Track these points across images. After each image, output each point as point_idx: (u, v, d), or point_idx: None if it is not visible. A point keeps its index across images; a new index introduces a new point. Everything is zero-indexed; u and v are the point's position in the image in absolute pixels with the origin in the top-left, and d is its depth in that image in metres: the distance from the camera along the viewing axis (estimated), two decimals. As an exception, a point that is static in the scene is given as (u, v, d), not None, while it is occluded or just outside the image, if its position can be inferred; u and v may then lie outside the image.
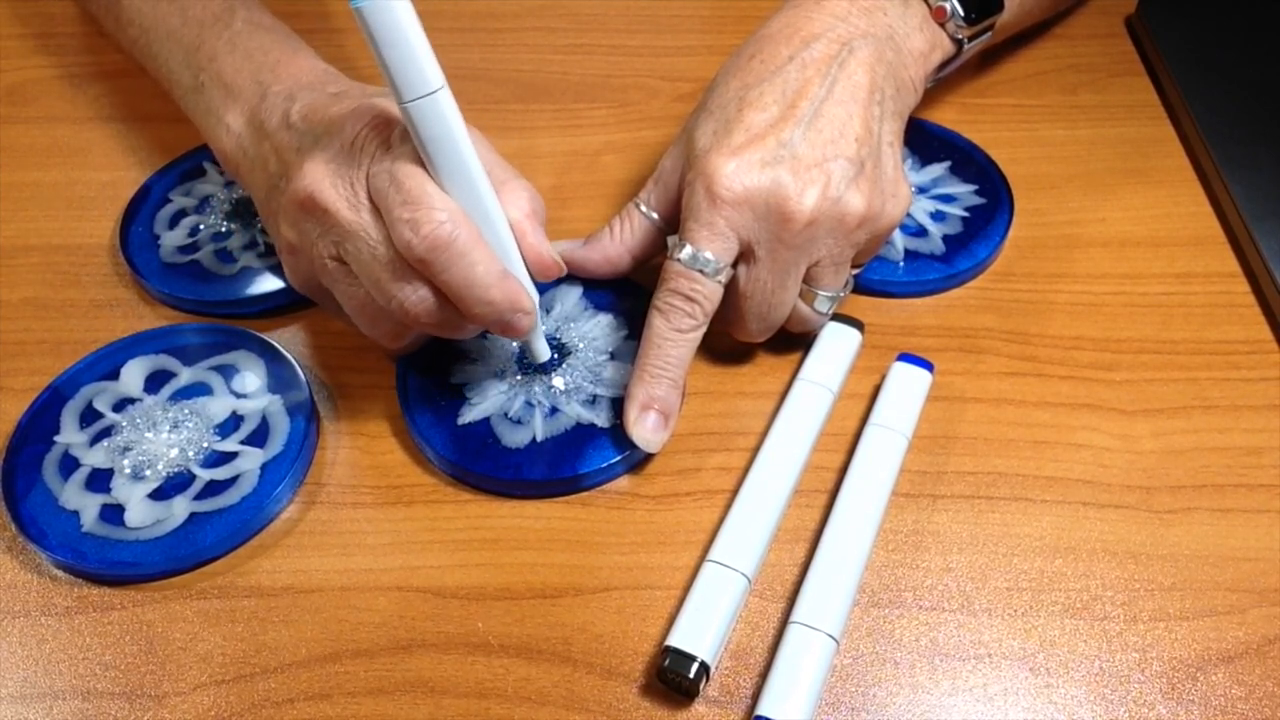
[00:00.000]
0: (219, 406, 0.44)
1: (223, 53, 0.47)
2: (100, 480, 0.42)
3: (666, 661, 0.36)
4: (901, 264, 0.50)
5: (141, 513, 0.41)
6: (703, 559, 0.39)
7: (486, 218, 0.39)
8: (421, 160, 0.37)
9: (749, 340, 0.46)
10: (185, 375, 0.46)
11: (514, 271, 0.40)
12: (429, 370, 0.45)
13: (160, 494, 0.42)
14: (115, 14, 0.54)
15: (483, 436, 0.43)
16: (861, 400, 0.46)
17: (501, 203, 0.40)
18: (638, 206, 0.47)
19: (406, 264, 0.38)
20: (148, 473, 0.42)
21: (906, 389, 0.44)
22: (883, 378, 0.45)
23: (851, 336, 0.46)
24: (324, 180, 0.39)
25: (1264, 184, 0.52)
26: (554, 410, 0.44)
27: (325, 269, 0.41)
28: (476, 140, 0.40)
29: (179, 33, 0.49)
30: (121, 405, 0.45)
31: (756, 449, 0.43)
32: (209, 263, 0.50)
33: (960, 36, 0.49)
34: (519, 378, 0.45)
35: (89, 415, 0.44)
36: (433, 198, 0.37)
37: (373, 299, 0.40)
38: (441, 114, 0.36)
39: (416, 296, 0.38)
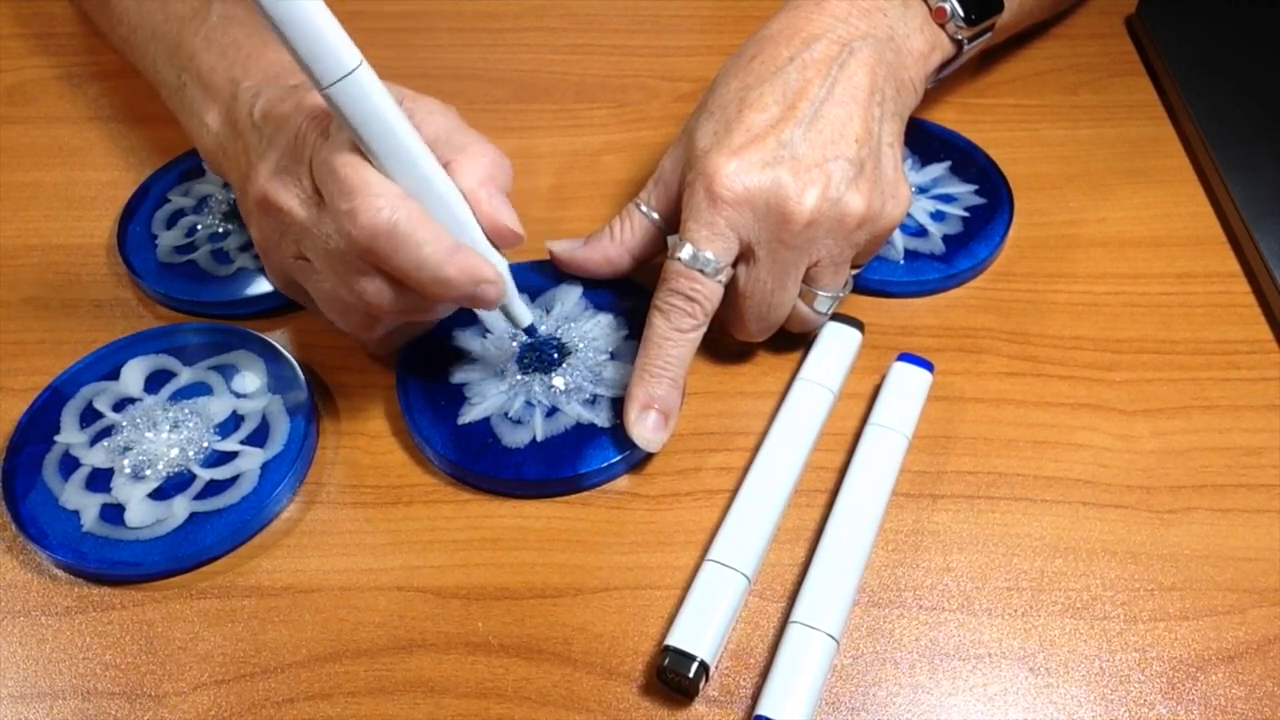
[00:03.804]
0: (219, 406, 0.44)
1: (200, 50, 0.47)
2: (100, 480, 0.42)
3: (666, 661, 0.36)
4: (901, 264, 0.50)
5: (141, 512, 0.41)
6: (703, 559, 0.39)
7: (432, 193, 0.37)
8: (357, 145, 0.36)
9: (749, 340, 0.46)
10: (185, 375, 0.46)
11: (473, 242, 0.39)
12: (429, 370, 0.45)
13: (160, 494, 0.42)
14: (106, 13, 0.55)
15: (483, 436, 0.43)
16: (861, 400, 0.46)
17: (456, 172, 0.39)
18: (638, 207, 0.47)
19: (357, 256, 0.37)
20: (148, 472, 0.42)
21: (906, 389, 0.44)
22: (883, 378, 0.45)
23: (851, 336, 0.46)
24: (275, 180, 0.39)
25: (1264, 184, 0.52)
26: (554, 410, 0.44)
27: (294, 267, 0.41)
28: (431, 108, 0.40)
29: (162, 30, 0.49)
30: (121, 405, 0.45)
31: (756, 449, 0.43)
32: (205, 263, 0.50)
33: (960, 37, 0.49)
34: (519, 378, 0.45)
35: (89, 415, 0.44)
36: (369, 184, 0.36)
37: (338, 295, 0.40)
38: (364, 93, 0.35)
39: (374, 287, 0.38)
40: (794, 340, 0.47)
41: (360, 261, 0.38)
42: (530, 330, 0.44)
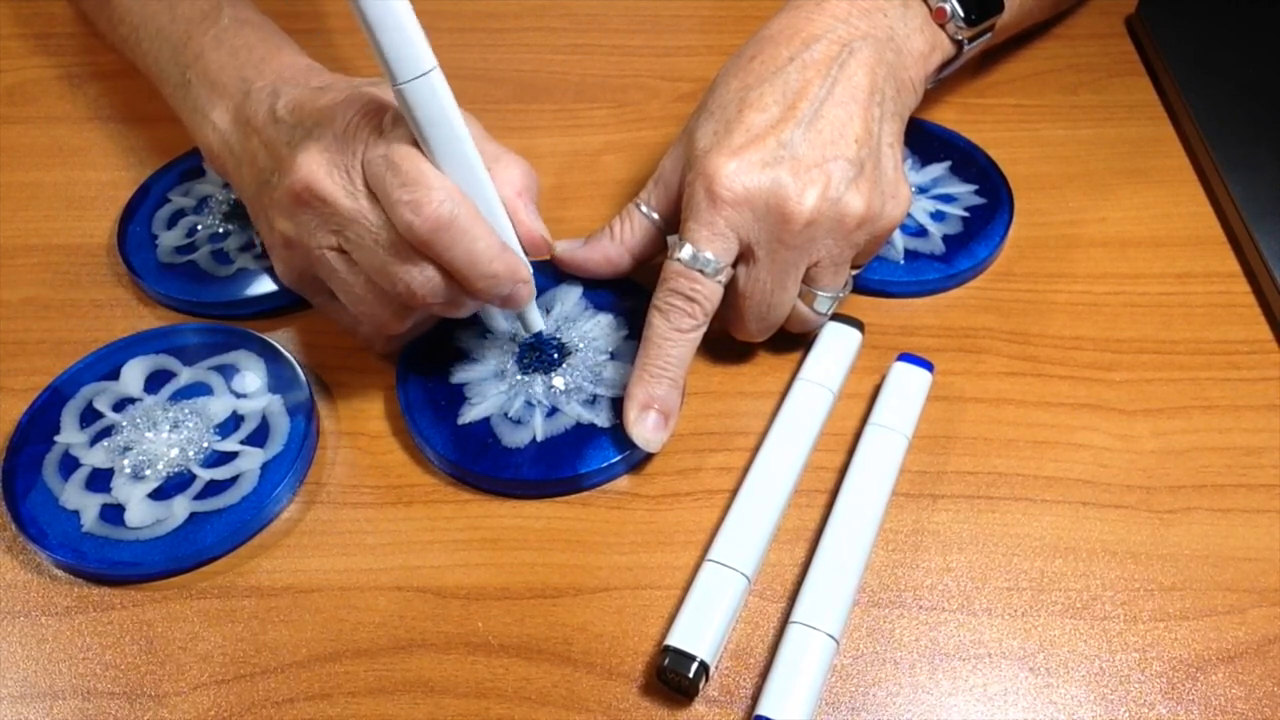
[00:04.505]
0: (219, 406, 0.44)
1: (209, 49, 0.47)
2: (100, 480, 0.42)
3: (666, 661, 0.36)
4: (901, 264, 0.50)
5: (141, 512, 0.41)
6: (703, 559, 0.39)
7: (482, 194, 0.39)
8: (416, 142, 0.38)
9: (749, 340, 0.46)
10: (185, 375, 0.46)
11: (510, 244, 0.41)
12: (429, 370, 0.45)
13: (160, 494, 0.42)
14: (107, 13, 0.55)
15: (483, 436, 0.43)
16: (861, 400, 0.46)
17: (493, 180, 0.40)
18: (638, 207, 0.47)
19: (409, 246, 0.38)
20: (148, 472, 0.42)
21: (906, 389, 0.44)
22: (883, 378, 0.45)
23: (851, 336, 0.46)
24: (319, 170, 0.39)
25: (1264, 184, 0.52)
26: (554, 410, 0.44)
27: (323, 261, 0.41)
28: (467, 119, 0.41)
29: (167, 30, 0.49)
30: (122, 405, 0.45)
31: (756, 449, 0.43)
32: (205, 263, 0.50)
33: (960, 38, 0.49)
34: (519, 378, 0.45)
35: (89, 415, 0.44)
36: (430, 178, 0.37)
37: (373, 286, 0.41)
38: (436, 94, 0.37)
39: (424, 277, 0.39)
40: (794, 340, 0.47)
41: (410, 251, 0.38)
42: (538, 336, 0.45)
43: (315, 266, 0.42)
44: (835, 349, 0.46)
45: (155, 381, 0.46)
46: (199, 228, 0.52)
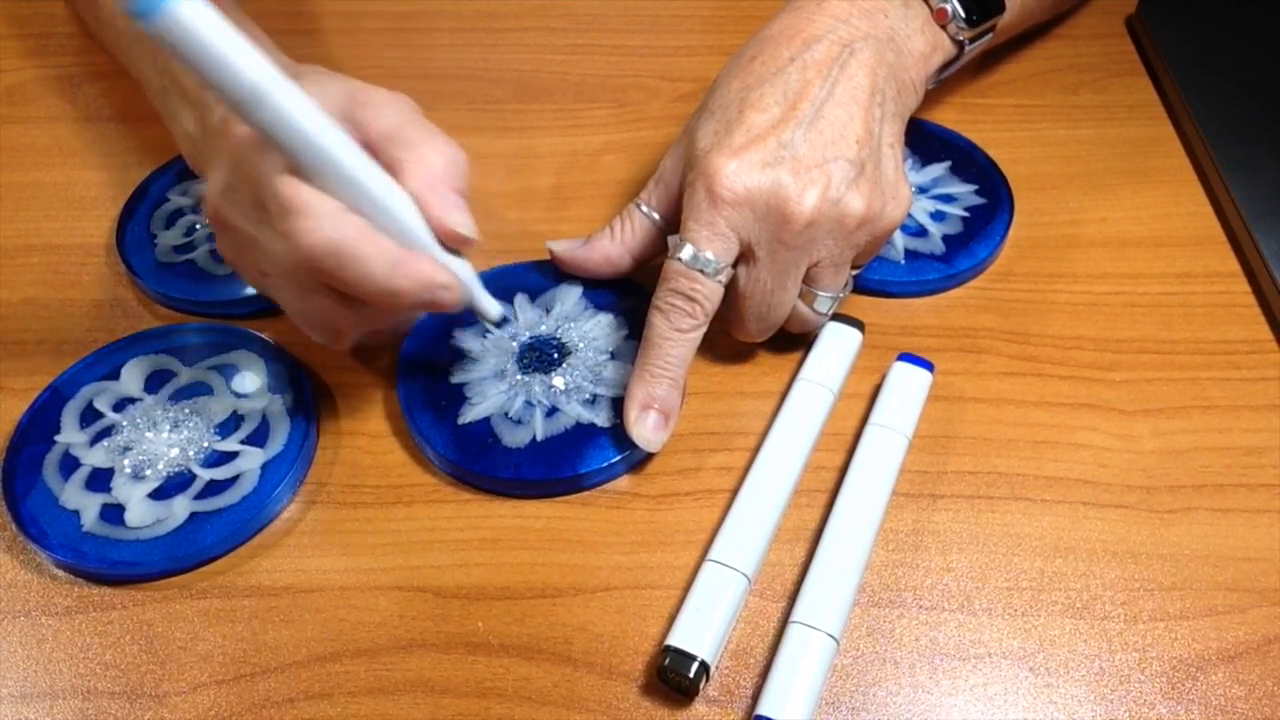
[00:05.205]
0: (219, 406, 0.44)
1: None
2: (100, 480, 0.42)
3: (666, 661, 0.36)
4: (902, 264, 0.50)
5: (141, 512, 0.41)
6: (703, 558, 0.39)
7: (373, 203, 0.36)
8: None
9: (749, 340, 0.46)
10: (185, 375, 0.46)
11: (426, 248, 0.37)
12: (429, 370, 0.45)
13: (160, 494, 0.42)
14: (95, 14, 0.55)
15: (483, 436, 0.43)
16: (861, 400, 0.46)
17: (403, 173, 0.37)
18: (638, 207, 0.47)
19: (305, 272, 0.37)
20: (148, 472, 0.42)
21: (906, 389, 0.44)
22: (883, 378, 0.45)
23: (852, 336, 0.46)
24: (223, 197, 0.38)
25: (1264, 184, 0.52)
26: (554, 410, 0.44)
27: (257, 281, 0.41)
28: (383, 101, 0.38)
29: (146, 35, 0.49)
30: (122, 405, 0.45)
31: (756, 449, 0.43)
32: (204, 263, 0.50)
33: (962, 38, 0.49)
34: (519, 378, 0.45)
35: (89, 415, 0.44)
36: (305, 203, 0.35)
37: (299, 306, 0.40)
38: (282, 114, 0.33)
39: (326, 304, 0.38)
40: (794, 340, 0.47)
41: (311, 279, 0.37)
42: (502, 323, 0.43)
43: (256, 285, 0.42)
44: (835, 349, 0.46)
45: (155, 381, 0.46)
46: (197, 227, 0.52)
